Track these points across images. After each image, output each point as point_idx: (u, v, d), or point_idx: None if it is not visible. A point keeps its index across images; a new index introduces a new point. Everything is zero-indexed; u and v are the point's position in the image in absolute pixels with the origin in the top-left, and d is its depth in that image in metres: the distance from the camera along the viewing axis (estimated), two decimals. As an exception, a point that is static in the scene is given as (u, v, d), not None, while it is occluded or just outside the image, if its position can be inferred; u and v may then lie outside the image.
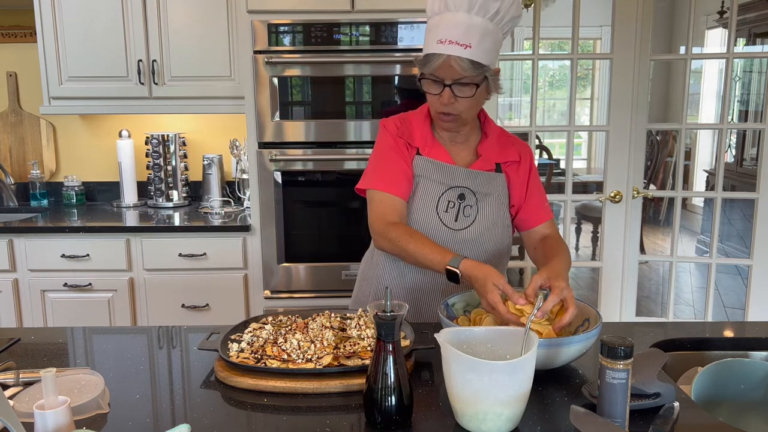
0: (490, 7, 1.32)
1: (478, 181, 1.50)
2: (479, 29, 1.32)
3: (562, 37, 7.02)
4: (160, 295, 2.58)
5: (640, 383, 1.02)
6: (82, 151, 3.14)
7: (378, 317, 0.98)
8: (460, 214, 1.50)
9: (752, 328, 1.46)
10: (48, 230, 2.55)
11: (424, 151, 1.50)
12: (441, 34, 1.33)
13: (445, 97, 1.38)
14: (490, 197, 1.51)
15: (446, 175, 1.49)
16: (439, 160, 1.49)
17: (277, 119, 2.42)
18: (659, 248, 5.61)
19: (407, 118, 1.55)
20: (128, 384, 1.16)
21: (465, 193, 1.50)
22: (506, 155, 1.53)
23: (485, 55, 1.34)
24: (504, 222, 1.53)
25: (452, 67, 1.33)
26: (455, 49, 1.32)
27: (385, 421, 0.99)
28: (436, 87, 1.38)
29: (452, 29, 1.32)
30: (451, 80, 1.35)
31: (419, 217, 1.49)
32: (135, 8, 2.64)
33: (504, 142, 1.54)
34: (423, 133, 1.51)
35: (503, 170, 1.53)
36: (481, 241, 1.50)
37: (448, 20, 1.33)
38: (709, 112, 6.64)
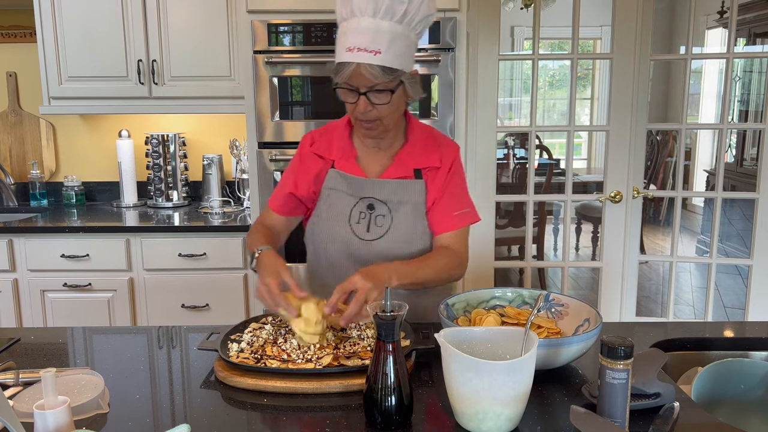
0: (397, 10, 1.29)
1: (388, 190, 1.47)
2: (387, 33, 1.29)
3: (562, 37, 7.02)
4: (160, 295, 2.58)
5: (640, 383, 1.02)
6: (82, 151, 3.14)
7: (378, 317, 0.98)
8: (371, 224, 1.48)
9: (752, 328, 1.46)
10: (48, 230, 2.55)
11: (338, 164, 1.50)
12: (349, 42, 1.29)
13: (361, 106, 1.34)
14: (406, 205, 1.48)
15: (355, 186, 1.48)
16: (348, 173, 1.48)
17: (277, 119, 2.42)
18: (659, 248, 5.61)
19: (329, 129, 1.55)
20: (128, 384, 1.16)
21: (374, 204, 1.48)
22: (426, 161, 1.49)
23: (397, 59, 1.30)
24: (422, 230, 1.50)
25: (363, 75, 1.29)
26: (364, 56, 1.28)
27: (385, 421, 0.99)
28: (352, 96, 1.35)
29: (359, 36, 1.28)
30: (365, 88, 1.32)
31: (334, 230, 1.49)
32: (135, 8, 2.64)
33: (428, 146, 1.50)
34: (341, 143, 1.51)
35: (423, 176, 1.49)
36: (395, 250, 1.47)
37: (355, 26, 1.30)
38: (709, 112, 6.64)
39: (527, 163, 4.60)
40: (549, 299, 1.36)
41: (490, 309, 1.37)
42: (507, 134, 5.74)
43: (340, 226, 1.49)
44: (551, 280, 4.70)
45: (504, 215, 4.22)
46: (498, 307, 1.38)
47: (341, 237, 1.49)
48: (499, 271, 3.05)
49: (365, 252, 1.48)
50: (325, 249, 1.52)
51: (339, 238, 1.49)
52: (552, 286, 4.56)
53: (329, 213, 1.51)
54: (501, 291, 1.40)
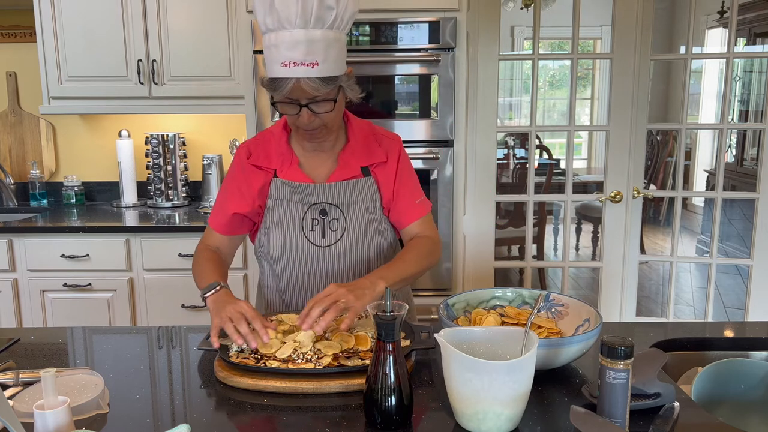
0: (327, 17, 1.24)
1: (338, 193, 1.45)
2: (321, 42, 1.24)
3: (562, 37, 7.02)
4: (159, 295, 2.58)
5: (640, 383, 1.02)
6: (82, 151, 3.14)
7: (378, 317, 0.99)
8: (326, 229, 1.46)
9: (752, 328, 1.46)
10: (48, 230, 2.55)
11: (280, 173, 1.45)
12: (283, 56, 1.23)
13: (305, 118, 1.30)
14: (357, 205, 1.46)
15: (303, 194, 1.44)
16: (293, 181, 1.44)
17: (276, 119, 2.42)
18: (659, 248, 5.61)
19: (264, 137, 1.50)
20: (128, 384, 1.16)
21: (326, 208, 1.45)
22: (371, 157, 1.47)
23: (334, 66, 1.27)
24: (378, 226, 1.49)
25: (304, 89, 1.25)
26: (302, 71, 1.23)
27: (385, 421, 0.99)
28: (293, 108, 1.30)
29: (294, 50, 1.23)
30: (306, 100, 1.28)
31: (287, 239, 1.46)
32: (135, 8, 2.64)
33: (370, 143, 1.48)
34: (280, 150, 1.46)
35: (371, 172, 1.47)
36: (354, 251, 1.46)
37: (286, 39, 1.23)
38: (709, 112, 6.64)
39: (527, 163, 4.60)
40: (549, 299, 1.36)
41: (490, 309, 1.37)
42: (507, 134, 5.74)
43: (294, 235, 1.46)
44: (551, 280, 4.70)
45: (504, 215, 4.22)
46: (498, 307, 1.38)
47: (296, 247, 1.46)
48: (499, 271, 3.05)
49: (322, 257, 1.46)
50: (281, 261, 1.48)
51: (294, 248, 1.46)
52: (552, 286, 4.56)
53: (280, 224, 1.47)
54: (501, 291, 1.39)
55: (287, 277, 1.50)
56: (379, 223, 1.49)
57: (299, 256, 1.46)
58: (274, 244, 1.48)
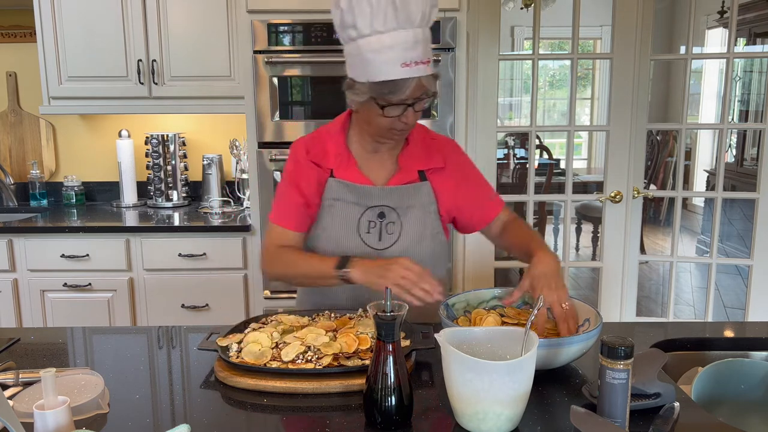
0: (433, 15, 1.27)
1: (397, 197, 1.43)
2: (428, 40, 1.26)
3: (562, 37, 7.02)
4: (159, 295, 2.58)
5: (641, 383, 1.02)
6: (82, 151, 3.14)
7: (378, 317, 0.98)
8: (383, 232, 1.44)
9: (752, 328, 1.46)
10: (48, 230, 2.55)
11: (337, 173, 1.43)
12: (404, 57, 1.22)
13: (410, 117, 1.30)
14: (414, 209, 1.45)
15: (362, 196, 1.43)
16: (352, 182, 1.42)
17: (277, 119, 2.42)
18: (659, 248, 5.61)
19: (321, 135, 1.47)
20: (128, 384, 1.16)
21: (385, 211, 1.44)
22: (430, 162, 1.46)
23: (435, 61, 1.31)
24: (432, 231, 1.48)
25: (423, 88, 1.26)
26: (422, 69, 1.23)
27: (385, 421, 0.99)
28: (398, 109, 1.28)
29: (413, 49, 1.22)
30: (413, 99, 1.27)
31: (341, 240, 1.44)
32: (135, 8, 2.64)
33: (428, 147, 1.47)
34: (337, 150, 1.44)
35: (428, 177, 1.46)
36: (408, 254, 1.43)
37: (404, 38, 1.22)
38: (709, 112, 6.64)
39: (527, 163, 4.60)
40: (549, 299, 1.36)
41: (490, 309, 1.37)
42: (507, 134, 5.74)
43: (350, 237, 1.44)
44: (551, 280, 4.69)
45: (504, 215, 4.21)
46: (498, 307, 1.38)
47: (352, 249, 1.43)
48: (499, 271, 3.05)
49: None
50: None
51: (349, 250, 1.43)
52: (552, 286, 4.55)
53: (335, 224, 1.45)
54: (501, 291, 1.39)
55: None
56: (434, 228, 1.48)
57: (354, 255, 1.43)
58: (327, 244, 1.45)
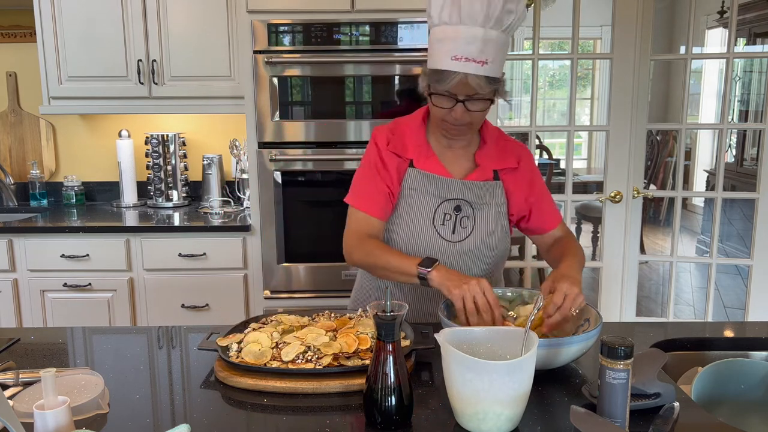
0: (506, 20, 1.27)
1: (475, 192, 1.46)
2: (495, 43, 1.27)
3: (562, 37, 7.03)
4: (159, 295, 2.58)
5: (640, 383, 1.02)
6: (82, 151, 3.14)
7: (378, 317, 0.98)
8: (457, 225, 1.46)
9: (752, 328, 1.46)
10: (48, 230, 2.55)
11: (417, 163, 1.46)
12: (456, 50, 1.26)
13: (458, 113, 1.33)
14: (487, 206, 1.48)
15: (441, 187, 1.45)
16: (433, 173, 1.45)
17: (276, 119, 2.42)
18: (659, 248, 5.61)
19: (399, 126, 1.50)
20: (128, 384, 1.16)
21: (461, 205, 1.46)
22: (504, 162, 1.49)
23: (500, 67, 1.31)
24: (502, 230, 1.51)
25: (468, 85, 1.28)
26: (472, 67, 1.26)
27: (385, 421, 0.98)
28: (448, 102, 1.33)
29: (468, 45, 1.25)
30: (465, 96, 1.31)
31: (416, 230, 1.46)
32: (135, 8, 2.64)
33: (502, 147, 1.50)
34: (417, 141, 1.47)
35: (501, 177, 1.49)
36: (479, 251, 1.47)
37: (462, 34, 1.26)
38: (709, 112, 6.64)
39: (527, 163, 4.59)
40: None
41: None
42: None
43: (424, 227, 1.46)
44: (551, 280, 4.69)
45: (504, 215, 4.21)
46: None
47: (425, 238, 1.45)
48: (499, 271, 3.05)
49: (448, 252, 1.46)
50: (407, 251, 1.46)
51: (423, 240, 1.46)
52: (552, 286, 4.55)
53: (411, 213, 1.46)
54: (501, 291, 1.39)
55: None
56: (503, 227, 1.51)
57: (426, 248, 1.46)
58: (400, 232, 1.47)
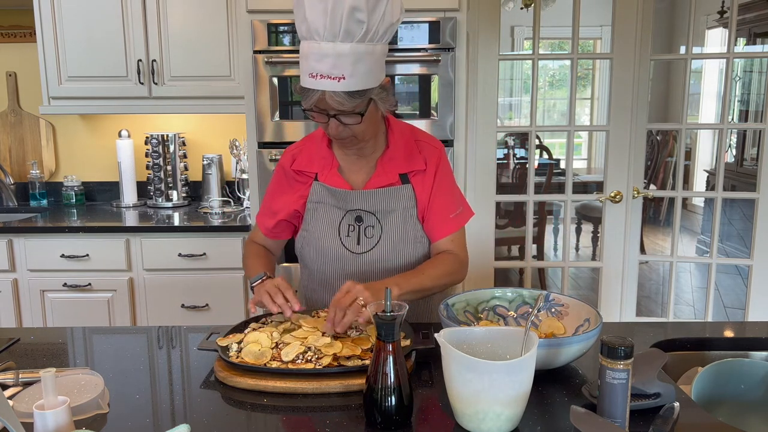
0: (356, 31, 1.21)
1: (375, 200, 1.44)
2: (350, 56, 1.21)
3: (562, 37, 7.02)
4: (159, 295, 2.58)
5: (640, 383, 1.02)
6: (82, 151, 3.14)
7: (378, 317, 0.98)
8: (361, 236, 1.45)
9: (752, 328, 1.46)
10: (47, 230, 2.55)
11: (321, 177, 1.46)
12: (311, 67, 1.23)
13: (332, 128, 1.31)
14: (394, 213, 1.45)
15: (341, 199, 1.45)
16: (332, 186, 1.44)
17: (276, 119, 2.42)
18: (659, 248, 5.61)
19: (308, 142, 1.52)
20: (128, 384, 1.16)
21: (362, 215, 1.45)
22: (411, 164, 1.45)
23: (363, 80, 1.24)
24: (414, 235, 1.47)
25: (327, 102, 1.25)
26: (327, 84, 1.22)
27: (385, 421, 0.98)
28: (322, 117, 1.31)
29: (321, 62, 1.22)
30: (334, 111, 1.28)
31: (323, 243, 1.47)
32: (134, 8, 2.64)
33: (410, 150, 1.46)
34: (321, 154, 1.47)
35: (410, 180, 1.45)
36: (389, 259, 1.45)
37: (315, 51, 1.22)
38: (709, 112, 6.64)
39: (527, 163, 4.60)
40: (549, 299, 1.36)
41: (490, 309, 1.37)
42: (507, 134, 5.74)
43: (330, 240, 1.46)
44: (551, 280, 4.70)
45: (504, 215, 4.22)
46: (498, 307, 1.38)
47: (332, 252, 1.46)
48: (499, 271, 3.05)
49: (356, 263, 1.46)
50: (317, 264, 1.49)
51: (330, 253, 1.46)
52: (552, 286, 4.56)
53: (317, 227, 1.48)
54: (501, 291, 1.40)
55: (323, 280, 1.50)
56: (416, 232, 1.47)
57: (335, 260, 1.47)
58: (311, 246, 1.49)
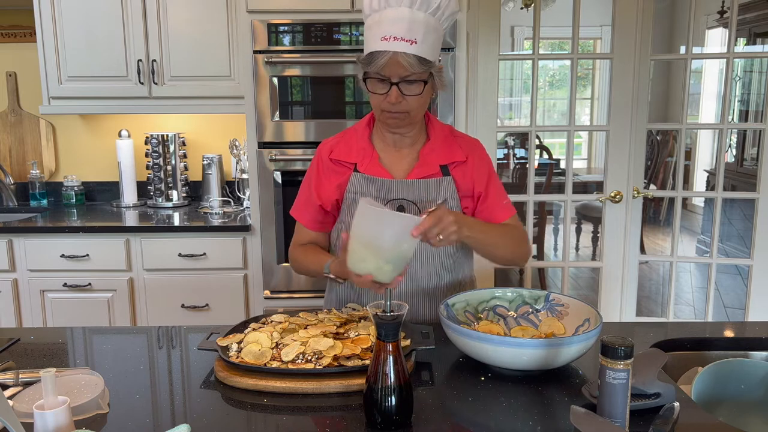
0: (432, 2, 1.30)
1: (417, 190, 1.45)
2: (423, 24, 1.30)
3: (562, 37, 7.02)
4: (159, 295, 2.58)
5: (641, 383, 1.02)
6: (82, 151, 3.14)
7: (378, 317, 0.98)
8: None
9: (752, 328, 1.46)
10: (47, 230, 2.55)
11: (361, 167, 1.47)
12: (385, 31, 1.29)
13: (393, 96, 1.33)
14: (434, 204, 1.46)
15: (382, 189, 1.45)
16: (373, 176, 1.45)
17: (276, 119, 2.42)
18: (659, 248, 5.61)
19: (346, 133, 1.54)
20: (128, 384, 1.16)
21: (404, 205, 1.45)
22: (451, 156, 1.48)
23: (431, 50, 1.32)
24: None
25: (399, 64, 1.30)
26: (401, 45, 1.28)
27: (385, 421, 0.98)
28: (383, 86, 1.34)
29: (396, 25, 1.28)
30: (398, 78, 1.32)
31: None
32: (135, 8, 2.64)
33: (450, 143, 1.49)
34: (361, 145, 1.49)
35: (450, 172, 1.48)
36: (428, 250, 1.45)
37: (390, 16, 1.30)
38: (709, 112, 6.64)
39: (527, 163, 4.60)
40: (549, 299, 1.36)
41: (490, 309, 1.37)
42: (507, 134, 5.74)
43: None
44: (551, 280, 4.70)
45: (504, 215, 4.20)
46: (498, 307, 1.38)
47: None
48: (499, 271, 3.06)
49: None
50: None
51: None
52: (552, 286, 4.56)
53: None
54: (501, 291, 1.40)
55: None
56: None
57: None
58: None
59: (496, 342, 1.12)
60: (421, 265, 1.48)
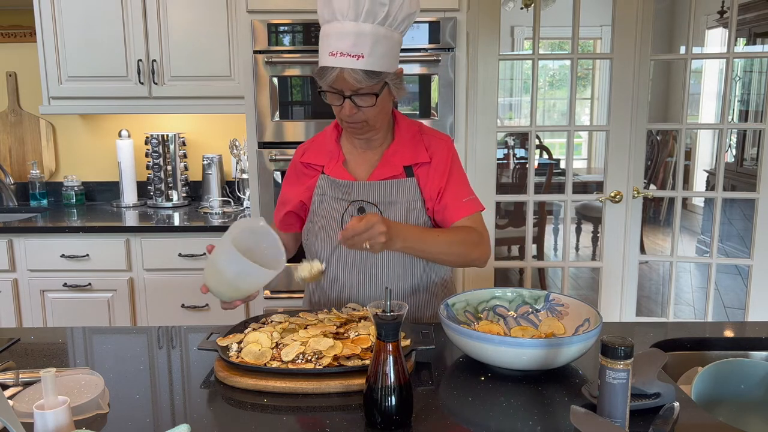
0: (378, 12, 1.27)
1: (378, 192, 1.45)
2: (370, 36, 1.27)
3: (562, 37, 7.02)
4: (159, 295, 2.58)
5: (640, 383, 1.02)
6: (82, 151, 3.14)
7: (378, 317, 0.98)
8: None
9: (752, 328, 1.46)
10: (47, 230, 2.55)
11: (327, 170, 1.49)
12: (332, 46, 1.28)
13: (346, 109, 1.34)
14: (396, 205, 1.46)
15: (344, 190, 1.47)
16: (337, 178, 1.47)
17: (276, 119, 2.42)
18: (659, 248, 5.61)
19: (318, 136, 1.56)
20: (128, 384, 1.16)
21: (364, 206, 1.46)
22: (415, 157, 1.46)
23: (380, 62, 1.29)
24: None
25: (347, 80, 1.29)
26: (347, 61, 1.27)
27: (385, 421, 0.98)
28: (337, 99, 1.34)
29: (342, 40, 1.27)
30: (350, 91, 1.31)
31: (326, 235, 1.48)
32: (135, 8, 2.64)
33: (416, 143, 1.48)
34: (329, 148, 1.51)
35: (414, 173, 1.47)
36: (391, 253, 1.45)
37: (337, 30, 1.28)
38: (709, 112, 6.64)
39: (527, 163, 4.60)
40: (549, 299, 1.36)
41: (490, 309, 1.37)
42: (507, 134, 5.74)
43: (333, 231, 1.47)
44: (551, 280, 4.70)
45: (504, 215, 4.22)
46: (498, 307, 1.38)
47: (335, 242, 1.46)
48: (499, 271, 3.06)
49: (359, 255, 1.46)
50: (321, 255, 1.49)
51: (333, 243, 1.47)
52: (552, 286, 4.56)
53: (320, 219, 1.50)
54: (501, 291, 1.40)
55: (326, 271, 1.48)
56: (418, 224, 1.47)
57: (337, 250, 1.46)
58: (314, 237, 1.52)
59: (496, 342, 1.12)
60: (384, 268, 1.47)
